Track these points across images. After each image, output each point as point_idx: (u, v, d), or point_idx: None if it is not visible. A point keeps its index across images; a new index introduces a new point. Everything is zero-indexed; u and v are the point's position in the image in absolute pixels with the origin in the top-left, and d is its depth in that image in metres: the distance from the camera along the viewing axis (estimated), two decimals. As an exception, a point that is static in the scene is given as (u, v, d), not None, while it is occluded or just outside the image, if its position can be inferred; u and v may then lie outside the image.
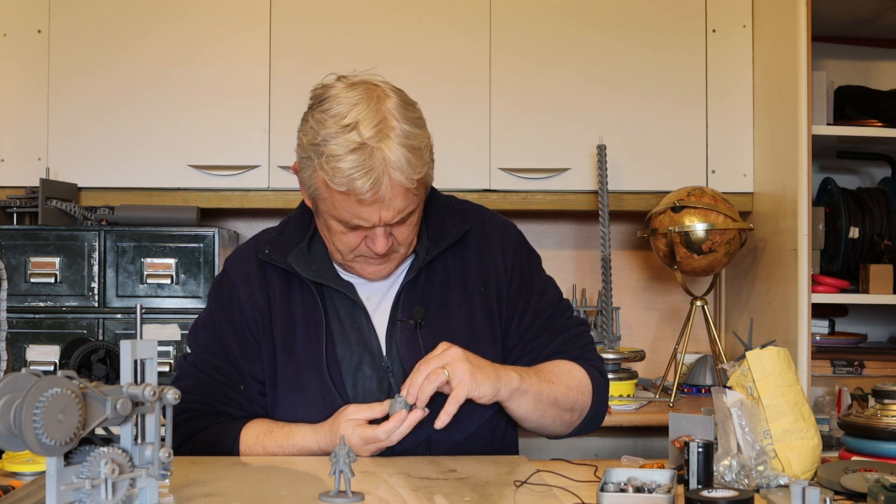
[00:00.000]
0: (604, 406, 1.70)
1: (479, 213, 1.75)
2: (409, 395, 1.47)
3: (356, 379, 1.61)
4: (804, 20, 2.54)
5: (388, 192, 1.48)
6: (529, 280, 1.71)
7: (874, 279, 2.69)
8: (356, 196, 1.48)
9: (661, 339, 3.16)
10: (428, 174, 1.56)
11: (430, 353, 1.52)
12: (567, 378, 1.63)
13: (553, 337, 1.68)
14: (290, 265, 1.62)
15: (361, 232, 1.55)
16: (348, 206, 1.50)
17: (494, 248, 1.69)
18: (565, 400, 1.60)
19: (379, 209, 1.50)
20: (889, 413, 1.47)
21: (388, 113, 1.50)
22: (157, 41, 2.81)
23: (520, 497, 1.28)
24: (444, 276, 1.66)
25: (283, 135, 2.82)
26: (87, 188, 2.80)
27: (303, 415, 1.59)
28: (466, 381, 1.47)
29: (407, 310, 1.62)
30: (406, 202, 1.52)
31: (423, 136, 1.53)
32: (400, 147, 1.47)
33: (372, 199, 1.48)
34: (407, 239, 1.59)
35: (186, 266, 2.60)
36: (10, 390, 1.02)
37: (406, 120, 1.50)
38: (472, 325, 1.64)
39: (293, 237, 1.67)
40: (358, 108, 1.49)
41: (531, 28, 2.88)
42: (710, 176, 2.91)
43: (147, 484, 1.15)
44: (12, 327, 2.52)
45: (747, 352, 1.45)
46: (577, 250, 3.17)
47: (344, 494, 1.24)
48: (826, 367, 2.87)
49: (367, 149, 1.46)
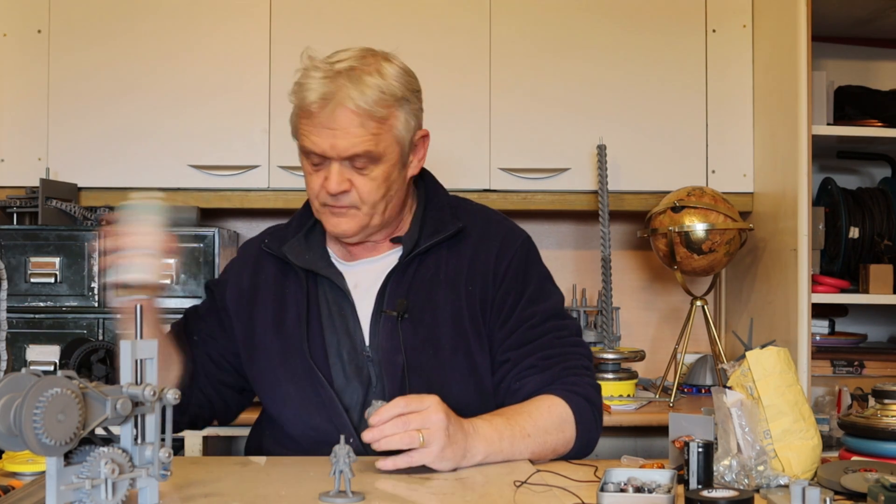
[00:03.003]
0: (591, 435, 1.60)
1: (485, 214, 1.75)
2: (371, 436, 1.39)
3: (340, 362, 1.64)
4: (804, 20, 2.54)
5: (336, 113, 1.53)
6: (521, 288, 1.67)
7: (874, 279, 2.69)
8: (309, 109, 1.54)
9: (661, 339, 3.16)
10: (395, 128, 1.58)
11: (416, 399, 1.42)
12: (546, 421, 1.54)
13: (535, 351, 1.62)
14: (284, 254, 1.69)
15: (323, 172, 1.58)
16: (306, 128, 1.56)
17: (491, 250, 1.68)
18: (542, 450, 1.54)
19: (332, 135, 1.54)
20: (889, 413, 1.47)
21: (375, 60, 1.57)
22: (158, 41, 2.81)
23: (520, 497, 1.28)
24: (435, 271, 1.65)
25: (284, 135, 2.80)
26: (87, 188, 2.80)
27: (285, 389, 1.65)
28: (432, 454, 1.39)
29: (392, 301, 1.63)
30: (360, 136, 1.54)
31: (398, 88, 1.57)
32: (367, 79, 1.54)
33: (321, 110, 1.53)
34: (369, 193, 1.59)
35: (186, 266, 2.60)
36: (10, 390, 1.02)
37: (390, 72, 1.57)
38: (458, 322, 1.63)
39: (293, 229, 1.74)
40: (350, 52, 1.58)
41: (531, 28, 2.88)
42: (710, 176, 2.91)
43: (147, 484, 1.15)
44: (12, 327, 2.52)
45: (747, 352, 1.45)
46: (577, 250, 3.17)
47: (344, 494, 1.25)
48: (826, 367, 2.87)
49: (334, 73, 1.54)
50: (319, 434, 1.60)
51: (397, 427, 1.38)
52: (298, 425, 1.64)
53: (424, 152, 1.68)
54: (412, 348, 1.61)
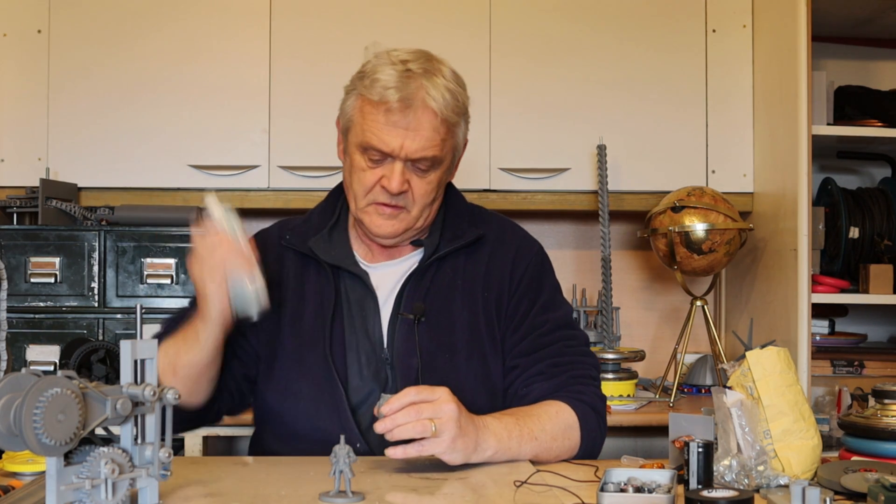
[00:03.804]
0: (595, 444, 1.61)
1: (502, 223, 1.76)
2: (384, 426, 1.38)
3: (358, 363, 1.63)
4: (804, 20, 2.54)
5: (417, 114, 1.53)
6: (535, 295, 1.68)
7: (874, 279, 2.69)
8: (386, 106, 1.52)
9: (661, 339, 3.16)
10: (457, 136, 1.61)
11: (427, 389, 1.42)
12: (553, 426, 1.55)
13: (544, 358, 1.64)
14: (310, 249, 1.67)
15: (380, 170, 1.57)
16: (376, 125, 1.54)
17: (507, 258, 1.70)
18: (547, 455, 1.54)
19: (404, 136, 1.54)
20: (889, 413, 1.47)
21: (439, 65, 1.59)
22: (157, 41, 2.81)
23: (520, 497, 1.28)
24: (452, 277, 1.67)
25: (283, 135, 2.82)
26: (87, 188, 2.80)
27: (298, 387, 1.63)
28: (444, 444, 1.39)
29: (409, 304, 1.63)
30: (431, 140, 1.55)
31: (463, 97, 1.60)
32: (441, 82, 1.55)
33: (400, 109, 1.52)
34: (422, 196, 1.60)
35: (186, 266, 2.60)
36: (10, 390, 1.02)
37: (453, 78, 1.59)
38: (474, 327, 1.64)
39: (316, 224, 1.72)
40: (413, 53, 1.58)
41: (531, 28, 2.88)
42: (710, 176, 2.91)
43: (147, 484, 1.15)
44: (12, 327, 2.52)
45: (747, 352, 1.45)
46: (577, 250, 3.17)
47: (344, 494, 1.25)
48: (826, 367, 2.87)
49: (410, 73, 1.54)
50: (325, 434, 1.59)
51: (409, 416, 1.38)
52: (306, 423, 1.63)
53: (460, 160, 1.71)
54: (428, 352, 1.61)
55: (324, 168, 2.80)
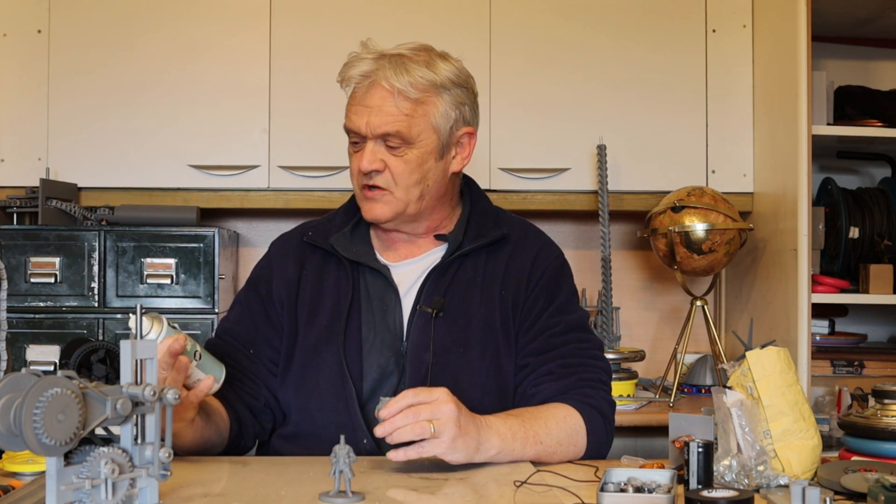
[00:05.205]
0: (601, 449, 1.61)
1: (526, 227, 1.78)
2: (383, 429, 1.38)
3: (373, 359, 1.64)
4: (804, 20, 2.54)
5: (379, 91, 1.58)
6: (551, 297, 1.69)
7: (874, 279, 2.69)
8: (356, 90, 1.61)
9: (661, 339, 3.16)
10: (432, 115, 1.61)
11: (424, 390, 1.42)
12: (559, 431, 1.55)
13: (554, 358, 1.64)
14: (332, 246, 1.70)
15: (360, 154, 1.62)
16: (350, 108, 1.62)
17: (527, 258, 1.71)
18: (551, 458, 1.54)
19: (368, 113, 1.59)
20: (889, 413, 1.47)
21: (424, 53, 1.63)
22: (157, 41, 2.81)
23: (520, 497, 1.28)
24: (473, 274, 1.68)
25: (283, 135, 2.82)
26: (87, 188, 2.80)
27: (312, 384, 1.64)
28: (444, 444, 1.39)
29: (429, 298, 1.65)
30: (393, 115, 1.58)
31: (435, 77, 1.61)
32: (406, 64, 1.59)
33: (365, 89, 1.59)
34: (402, 175, 1.62)
35: (186, 266, 2.60)
36: (10, 390, 1.02)
37: (432, 63, 1.62)
38: (490, 325, 1.65)
39: (338, 223, 1.75)
40: (407, 44, 1.64)
41: (531, 28, 2.88)
42: (710, 176, 2.91)
43: (147, 484, 1.15)
44: (12, 327, 2.52)
45: (747, 352, 1.45)
46: (577, 250, 3.17)
47: (344, 494, 1.25)
48: (826, 367, 2.87)
49: (377, 55, 1.61)
50: (336, 431, 1.57)
51: (408, 418, 1.38)
52: (320, 420, 1.63)
53: (470, 151, 1.71)
54: (442, 346, 1.62)
55: (324, 168, 2.80)
